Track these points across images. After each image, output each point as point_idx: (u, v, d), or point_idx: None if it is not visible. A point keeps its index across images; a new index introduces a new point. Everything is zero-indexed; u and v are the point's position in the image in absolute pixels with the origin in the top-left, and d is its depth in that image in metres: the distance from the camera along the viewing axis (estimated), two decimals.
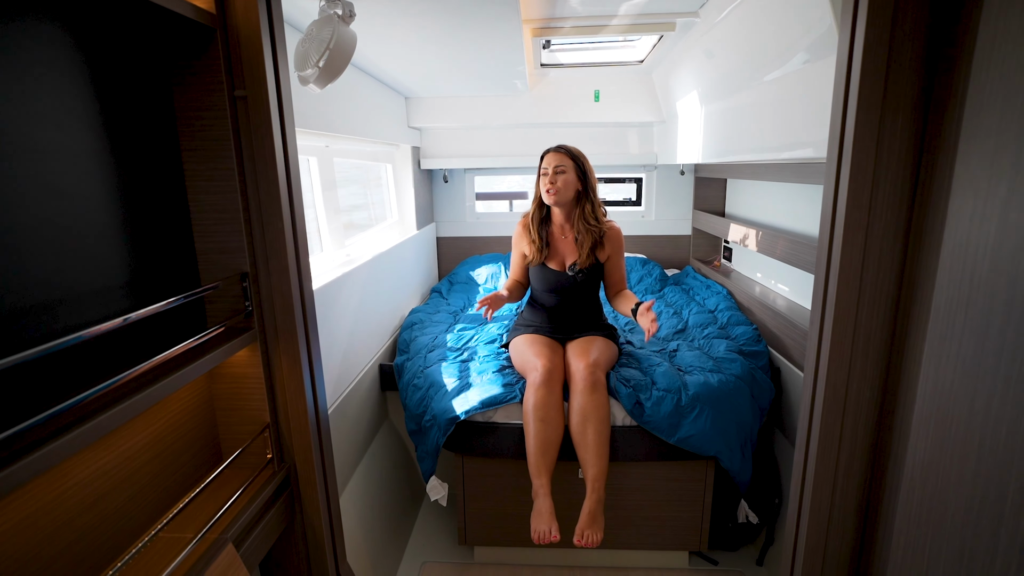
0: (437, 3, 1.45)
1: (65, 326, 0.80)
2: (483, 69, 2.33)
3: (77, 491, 0.86)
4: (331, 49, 1.23)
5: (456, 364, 2.00)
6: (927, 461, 0.91)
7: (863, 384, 1.05)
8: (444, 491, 1.89)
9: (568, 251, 2.00)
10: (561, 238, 2.02)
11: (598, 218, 1.95)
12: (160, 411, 1.04)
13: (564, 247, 2.01)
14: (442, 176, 3.48)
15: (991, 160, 0.76)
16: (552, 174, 1.92)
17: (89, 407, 0.77)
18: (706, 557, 2.01)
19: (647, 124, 3.22)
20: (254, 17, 1.01)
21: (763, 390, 1.90)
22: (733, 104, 2.04)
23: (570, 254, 2.00)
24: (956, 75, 0.84)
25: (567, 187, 1.91)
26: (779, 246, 2.20)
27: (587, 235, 1.94)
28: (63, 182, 0.80)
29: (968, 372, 0.80)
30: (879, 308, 1.01)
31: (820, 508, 1.13)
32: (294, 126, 1.14)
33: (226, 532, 0.99)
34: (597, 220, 1.95)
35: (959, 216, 0.83)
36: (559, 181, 1.91)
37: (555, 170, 1.91)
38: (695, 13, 1.85)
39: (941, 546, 0.87)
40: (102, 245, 0.88)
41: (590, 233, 1.94)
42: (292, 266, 1.14)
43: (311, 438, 1.22)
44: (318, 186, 2.09)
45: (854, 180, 0.96)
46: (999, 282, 0.74)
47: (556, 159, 1.92)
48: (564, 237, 2.01)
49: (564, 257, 2.01)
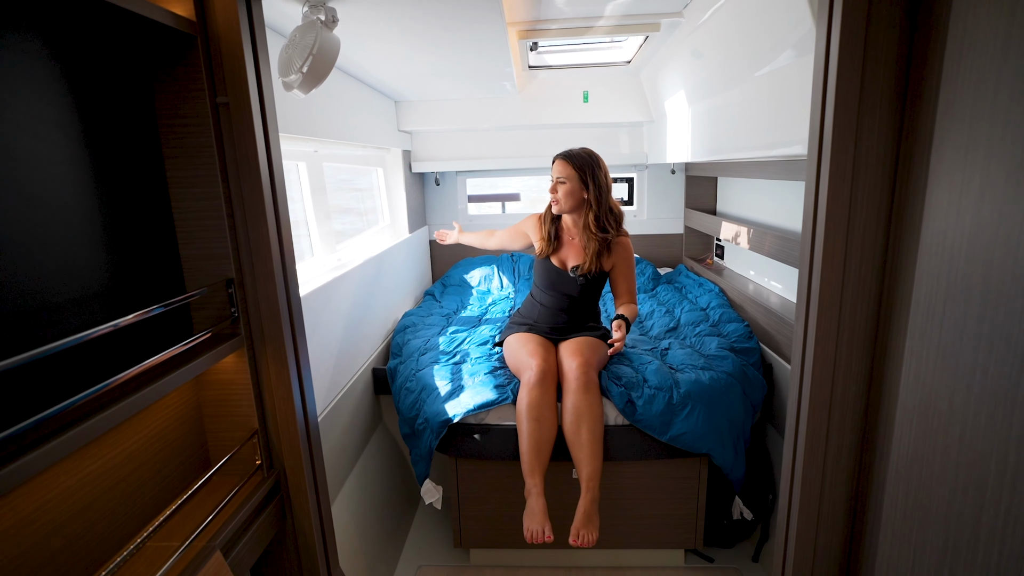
0: (420, 8, 1.46)
1: (49, 334, 0.80)
2: (471, 72, 2.33)
3: (62, 500, 0.86)
4: (314, 55, 1.23)
5: (448, 367, 2.00)
6: (911, 453, 0.91)
7: (848, 379, 1.05)
8: (439, 494, 1.89)
9: (572, 253, 2.02)
10: (569, 239, 2.04)
11: (604, 227, 1.93)
12: (147, 418, 1.04)
13: (570, 248, 2.03)
14: (434, 179, 3.49)
15: (964, 154, 0.77)
16: (554, 184, 1.94)
17: (74, 414, 0.77)
18: (701, 555, 2.01)
19: (637, 124, 3.23)
20: (235, 24, 1.01)
21: (755, 386, 1.91)
22: (720, 103, 2.05)
23: (574, 255, 2.02)
24: (929, 70, 0.85)
25: (568, 197, 1.92)
26: (767, 242, 2.21)
27: (591, 243, 1.95)
28: (40, 191, 0.80)
29: (947, 364, 0.81)
30: (862, 303, 1.01)
31: (809, 502, 1.14)
32: (278, 132, 1.14)
33: (214, 539, 0.98)
34: (600, 229, 1.93)
35: (936, 210, 0.84)
36: (559, 192, 1.92)
37: (556, 180, 1.93)
38: (679, 13, 1.86)
39: (926, 536, 0.87)
40: (81, 253, 0.88)
41: (592, 241, 1.95)
42: (278, 271, 1.14)
43: (300, 443, 1.21)
44: (308, 191, 2.09)
45: (834, 176, 0.97)
46: (975, 275, 0.75)
47: (558, 169, 1.93)
48: (572, 239, 2.03)
49: (567, 258, 2.03)
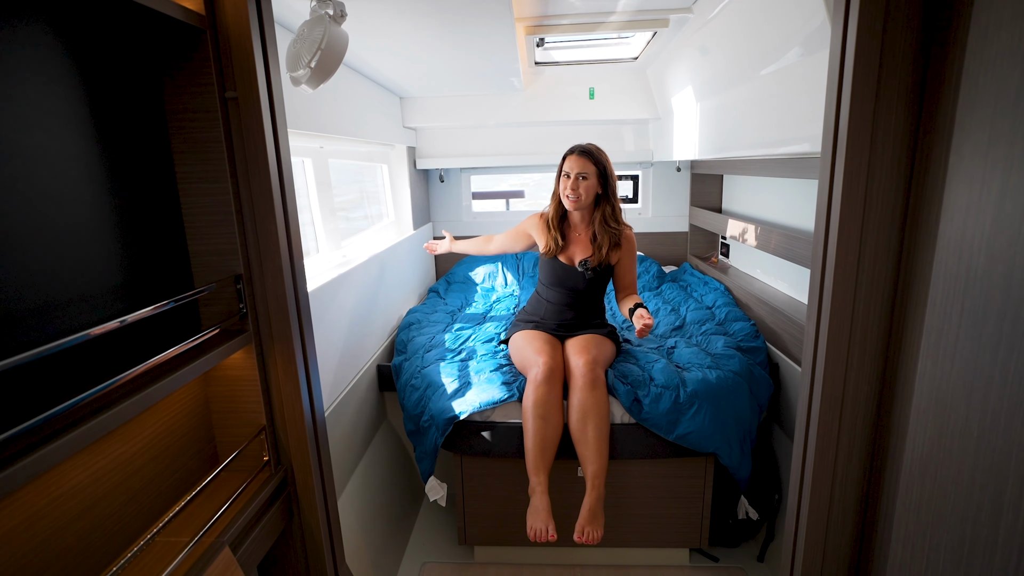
0: (429, 3, 1.45)
1: (58, 330, 0.79)
2: (477, 68, 2.32)
3: (72, 496, 0.85)
4: (323, 49, 1.22)
5: (454, 364, 2.00)
6: (926, 455, 0.91)
7: (861, 378, 1.05)
8: (443, 491, 1.88)
9: (580, 248, 2.00)
10: (575, 235, 2.02)
11: (619, 220, 1.95)
12: (155, 414, 1.04)
13: (577, 244, 2.01)
14: (438, 176, 3.48)
15: (985, 151, 0.76)
16: (574, 179, 1.89)
17: (83, 411, 0.77)
18: (707, 554, 2.00)
19: (642, 121, 3.21)
20: (244, 18, 1.01)
21: (761, 386, 1.90)
22: (728, 100, 2.03)
23: (581, 251, 2.00)
24: (949, 67, 0.84)
25: (588, 193, 1.90)
26: (773, 240, 2.20)
27: (605, 237, 1.94)
28: (52, 186, 0.80)
29: (965, 365, 0.80)
30: (876, 302, 1.01)
31: (819, 503, 1.13)
32: (286, 127, 1.14)
33: (223, 535, 0.98)
34: (617, 223, 1.95)
35: (954, 208, 0.83)
36: (580, 188, 1.89)
37: (577, 177, 1.89)
38: (688, 9, 1.84)
39: (941, 539, 0.86)
40: (94, 248, 0.87)
41: (608, 235, 1.94)
42: (286, 267, 1.13)
43: (308, 440, 1.21)
44: (313, 187, 2.09)
45: (849, 174, 0.96)
46: (995, 274, 0.74)
47: (579, 164, 1.88)
48: (578, 235, 2.02)
49: (575, 254, 2.01)
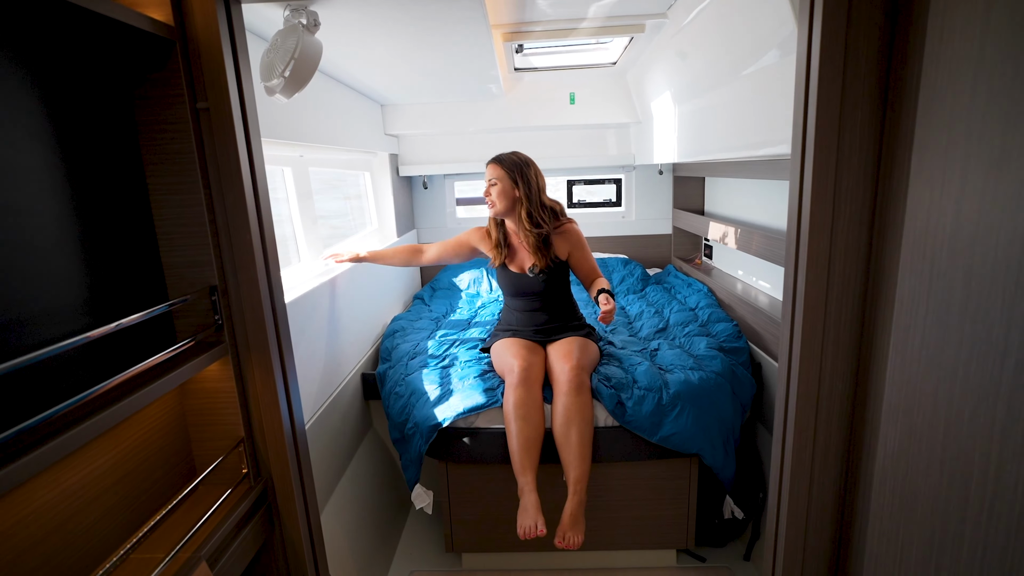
0: (402, 10, 1.45)
1: (19, 346, 0.78)
2: (456, 75, 2.33)
3: (42, 513, 0.84)
4: (296, 59, 1.22)
5: (437, 371, 1.99)
6: (897, 450, 0.92)
7: (835, 377, 1.06)
8: (429, 499, 1.88)
9: (526, 255, 2.05)
10: (518, 243, 2.07)
11: (538, 222, 1.97)
12: (129, 428, 1.02)
13: (522, 251, 2.06)
14: (422, 182, 3.48)
15: (944, 152, 0.78)
16: (487, 187, 2.00)
17: (53, 426, 0.75)
18: (693, 554, 2.01)
19: (624, 125, 3.23)
20: (214, 28, 1.00)
21: (744, 386, 1.91)
22: (706, 103, 2.05)
23: (527, 258, 2.05)
24: (909, 70, 0.86)
25: (501, 197, 1.97)
26: (754, 242, 2.22)
27: (529, 237, 1.98)
28: (15, 199, 0.79)
29: (931, 362, 0.82)
30: (847, 301, 1.02)
31: (798, 501, 1.14)
32: (260, 137, 1.13)
33: (200, 550, 0.97)
34: (534, 225, 1.97)
35: (917, 208, 0.85)
36: (493, 193, 1.98)
37: (489, 183, 1.99)
38: (663, 14, 1.87)
39: (913, 533, 0.88)
40: (58, 263, 0.86)
41: (532, 236, 1.98)
42: (262, 278, 1.13)
43: (288, 451, 1.20)
44: (293, 196, 2.08)
45: (818, 175, 0.97)
46: (956, 272, 0.75)
47: (490, 171, 2.00)
48: (520, 242, 2.06)
49: (523, 261, 2.05)
